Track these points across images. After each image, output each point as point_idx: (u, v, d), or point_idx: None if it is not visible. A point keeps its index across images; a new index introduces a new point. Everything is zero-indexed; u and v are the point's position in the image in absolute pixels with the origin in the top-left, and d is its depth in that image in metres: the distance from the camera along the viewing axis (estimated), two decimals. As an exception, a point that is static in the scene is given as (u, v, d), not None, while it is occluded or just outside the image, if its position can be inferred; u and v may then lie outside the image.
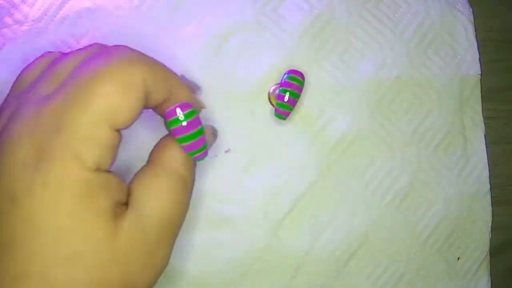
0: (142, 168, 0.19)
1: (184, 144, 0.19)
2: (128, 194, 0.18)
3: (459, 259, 0.27)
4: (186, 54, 0.25)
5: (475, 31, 0.28)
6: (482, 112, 0.27)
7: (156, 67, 0.18)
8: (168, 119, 0.19)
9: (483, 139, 0.27)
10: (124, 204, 0.18)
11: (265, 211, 0.25)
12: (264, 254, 0.25)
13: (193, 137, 0.19)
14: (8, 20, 0.24)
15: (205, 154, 0.20)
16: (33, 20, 0.24)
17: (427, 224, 0.26)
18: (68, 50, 0.24)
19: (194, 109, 0.19)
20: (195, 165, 0.21)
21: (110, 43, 0.24)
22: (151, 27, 0.25)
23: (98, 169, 0.16)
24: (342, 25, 0.26)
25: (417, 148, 0.26)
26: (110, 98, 0.16)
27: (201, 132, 0.20)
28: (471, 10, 0.27)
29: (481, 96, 0.27)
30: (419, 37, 0.27)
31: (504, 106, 0.28)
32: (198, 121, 0.19)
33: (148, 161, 0.20)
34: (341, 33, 0.26)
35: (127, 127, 0.18)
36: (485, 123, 0.27)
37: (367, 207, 0.26)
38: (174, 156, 0.20)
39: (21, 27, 0.24)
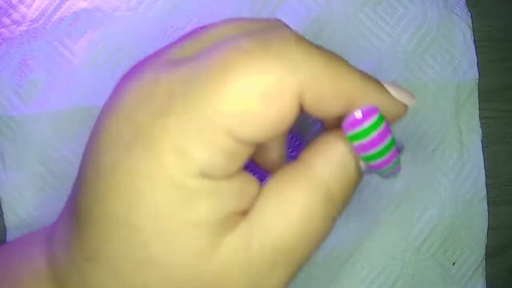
0: (284, 168, 0.15)
1: (373, 162, 0.15)
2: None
3: (454, 264, 0.27)
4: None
5: (475, 31, 0.27)
6: (480, 116, 0.27)
7: (330, 71, 0.14)
8: (346, 131, 0.14)
9: (480, 144, 0.27)
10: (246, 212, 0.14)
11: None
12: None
13: (383, 152, 0.14)
14: (6, 20, 0.24)
15: (399, 169, 0.16)
16: (30, 21, 0.24)
17: (422, 229, 0.26)
18: (65, 51, 0.24)
19: (381, 116, 0.14)
20: (356, 184, 0.16)
21: (107, 44, 0.24)
22: (148, 28, 0.25)
23: (203, 175, 0.13)
24: (339, 28, 0.26)
25: (413, 152, 0.26)
26: (240, 99, 0.13)
27: (392, 144, 0.15)
28: (470, 14, 0.27)
29: (481, 96, 0.27)
30: (417, 41, 0.27)
31: (504, 106, 0.28)
32: (387, 131, 0.14)
33: (296, 160, 0.15)
34: (338, 36, 0.26)
35: (260, 142, 0.14)
36: (485, 123, 0.27)
37: (362, 211, 0.26)
38: (329, 163, 0.15)
39: (19, 28, 0.24)
